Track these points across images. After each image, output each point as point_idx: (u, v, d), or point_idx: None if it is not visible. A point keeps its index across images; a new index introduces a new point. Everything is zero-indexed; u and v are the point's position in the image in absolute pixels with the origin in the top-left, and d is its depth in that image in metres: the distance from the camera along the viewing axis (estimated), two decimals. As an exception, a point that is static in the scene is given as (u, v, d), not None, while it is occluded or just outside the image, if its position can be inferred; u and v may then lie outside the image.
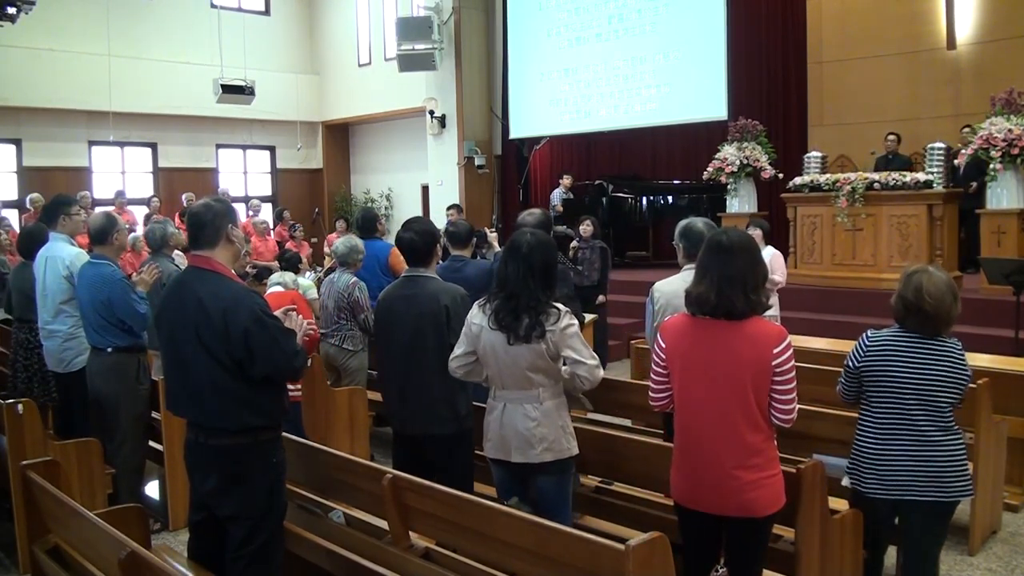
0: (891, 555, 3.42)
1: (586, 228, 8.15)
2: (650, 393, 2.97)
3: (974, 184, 8.60)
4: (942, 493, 3.01)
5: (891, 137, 9.52)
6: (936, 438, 3.02)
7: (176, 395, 3.04)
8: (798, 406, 2.81)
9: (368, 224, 6.68)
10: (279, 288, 5.31)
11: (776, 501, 2.76)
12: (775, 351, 2.69)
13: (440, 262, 4.43)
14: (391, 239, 4.42)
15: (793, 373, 2.74)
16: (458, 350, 3.30)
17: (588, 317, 6.29)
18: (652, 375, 2.95)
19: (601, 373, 3.18)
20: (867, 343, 3.14)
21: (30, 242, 5.34)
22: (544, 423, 3.14)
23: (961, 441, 3.07)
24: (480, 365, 3.26)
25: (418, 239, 3.62)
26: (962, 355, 3.06)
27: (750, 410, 2.70)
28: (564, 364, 3.17)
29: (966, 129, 8.94)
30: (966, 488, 3.05)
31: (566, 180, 11.87)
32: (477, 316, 3.25)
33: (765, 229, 6.41)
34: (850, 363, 3.18)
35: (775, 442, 2.82)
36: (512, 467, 3.22)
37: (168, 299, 3.04)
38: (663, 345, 2.88)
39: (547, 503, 3.22)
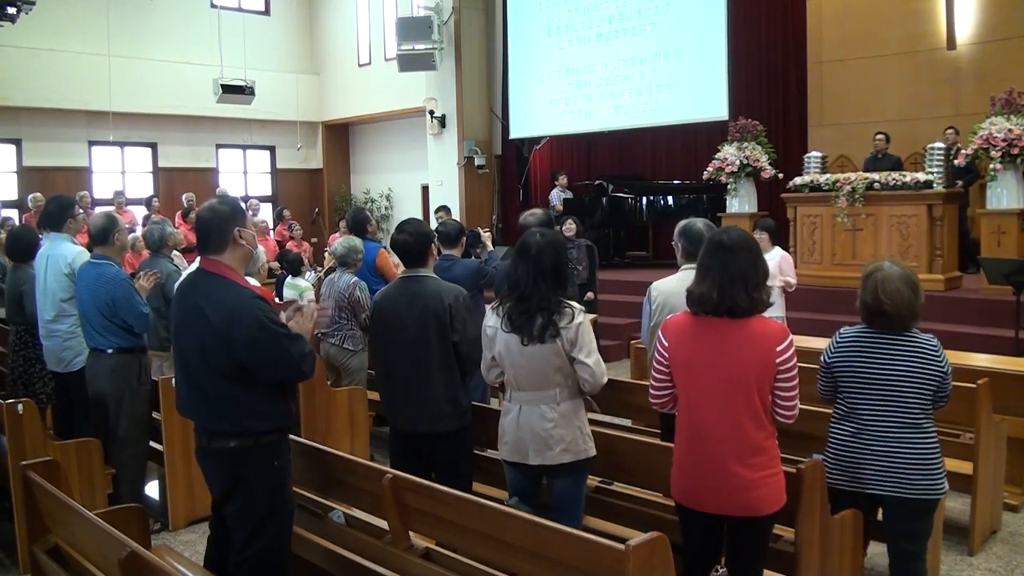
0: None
1: (568, 228, 8.15)
2: (651, 391, 2.97)
3: (959, 182, 8.61)
4: (908, 489, 3.01)
5: (879, 136, 9.53)
6: (903, 435, 3.01)
7: (182, 398, 3.04)
8: (799, 406, 2.82)
9: (359, 226, 6.66)
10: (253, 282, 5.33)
11: (778, 500, 2.76)
12: (778, 349, 2.71)
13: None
14: (388, 240, 4.42)
15: (796, 371, 2.76)
16: (485, 361, 3.32)
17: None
18: (653, 373, 2.95)
19: (605, 378, 3.17)
20: (838, 340, 3.16)
21: (19, 244, 5.34)
22: (562, 424, 3.14)
23: (934, 439, 3.06)
24: None
25: (412, 240, 3.64)
26: (935, 349, 3.04)
27: (754, 408, 2.71)
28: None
29: (949, 130, 9.04)
30: (937, 486, 3.03)
31: (563, 179, 11.86)
32: (491, 319, 3.25)
33: (771, 230, 6.38)
34: (824, 359, 3.20)
35: (777, 440, 2.83)
36: (528, 469, 3.22)
37: (175, 302, 3.05)
38: (665, 344, 2.88)
39: (562, 506, 3.22)
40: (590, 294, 8.20)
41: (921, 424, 3.04)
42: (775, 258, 6.60)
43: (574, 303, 3.16)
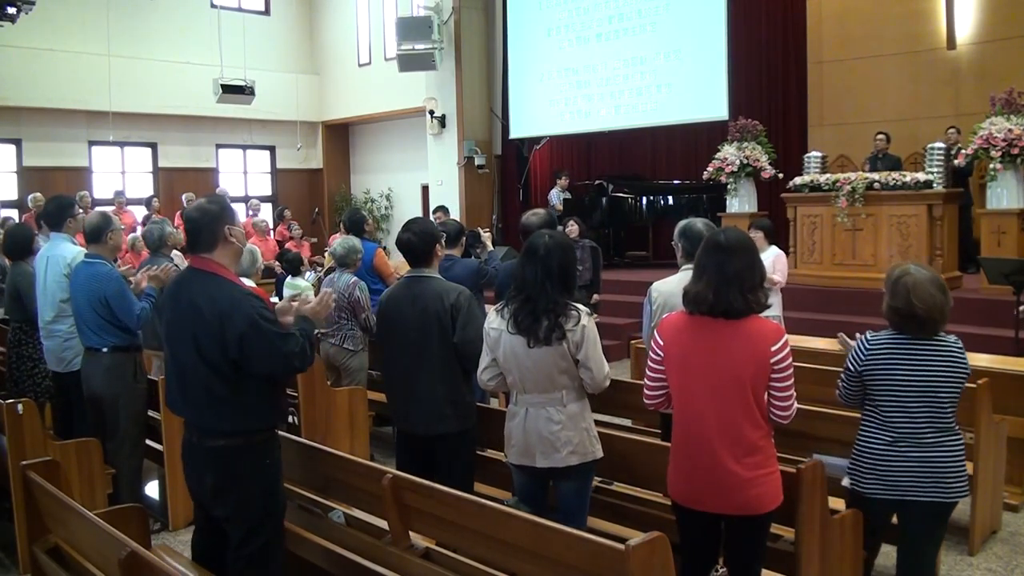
0: (892, 556, 3.42)
1: (572, 228, 8.12)
2: (645, 391, 2.98)
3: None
4: (942, 493, 3.01)
5: (880, 136, 9.54)
6: (936, 439, 3.01)
7: (174, 395, 3.05)
8: (797, 406, 2.82)
9: (355, 226, 6.68)
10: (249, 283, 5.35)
11: (775, 498, 2.76)
12: (772, 348, 2.71)
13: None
14: (389, 240, 4.43)
15: (791, 371, 2.76)
16: (483, 362, 3.30)
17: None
18: (648, 372, 2.95)
19: (607, 383, 3.17)
20: (868, 346, 3.13)
21: (15, 243, 5.34)
22: (568, 425, 3.13)
23: (960, 441, 3.07)
24: None
25: (416, 239, 3.62)
26: (962, 352, 3.06)
27: (749, 407, 2.71)
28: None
29: (951, 129, 9.05)
30: (963, 488, 3.05)
31: (563, 180, 11.85)
32: (495, 321, 3.23)
33: (767, 229, 6.38)
34: (851, 366, 3.17)
35: (773, 439, 2.83)
36: (536, 472, 3.21)
37: (166, 300, 3.06)
38: (661, 342, 2.88)
39: (567, 508, 3.22)
40: (596, 296, 8.19)
41: (953, 426, 3.06)
42: (769, 257, 6.61)
43: (580, 306, 3.14)
